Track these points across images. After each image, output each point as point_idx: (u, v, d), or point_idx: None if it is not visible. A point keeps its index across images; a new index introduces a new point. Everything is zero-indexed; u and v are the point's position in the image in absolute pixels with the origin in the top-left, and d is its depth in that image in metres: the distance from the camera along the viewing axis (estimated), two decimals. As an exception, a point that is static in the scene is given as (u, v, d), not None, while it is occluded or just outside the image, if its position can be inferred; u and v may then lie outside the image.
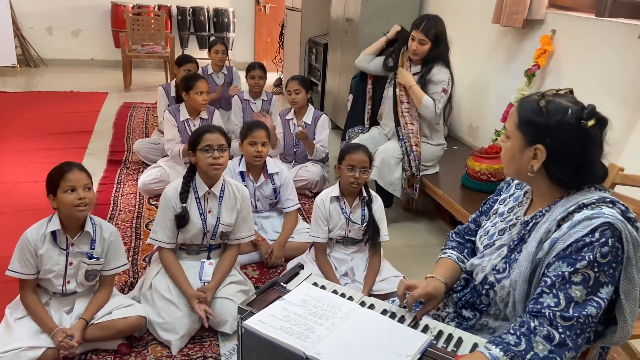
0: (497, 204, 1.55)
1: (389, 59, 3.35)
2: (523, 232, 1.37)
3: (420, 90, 3.11)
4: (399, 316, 1.44)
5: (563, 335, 1.17)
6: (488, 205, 1.61)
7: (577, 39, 2.85)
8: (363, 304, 1.48)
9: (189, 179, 2.24)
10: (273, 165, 2.91)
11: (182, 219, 2.19)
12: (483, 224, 1.56)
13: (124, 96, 5.97)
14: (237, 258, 2.62)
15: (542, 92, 1.30)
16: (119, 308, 2.03)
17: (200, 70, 4.36)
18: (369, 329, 1.33)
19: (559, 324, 1.17)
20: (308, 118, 3.67)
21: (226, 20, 7.50)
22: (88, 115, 5.12)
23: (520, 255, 1.33)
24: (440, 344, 1.33)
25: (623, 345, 1.83)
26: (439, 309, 1.53)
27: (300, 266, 1.71)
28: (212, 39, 7.28)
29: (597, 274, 1.18)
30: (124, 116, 5.18)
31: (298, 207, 2.95)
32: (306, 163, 3.66)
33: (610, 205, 1.24)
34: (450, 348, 1.32)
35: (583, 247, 1.19)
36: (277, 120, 3.77)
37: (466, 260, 1.58)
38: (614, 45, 2.59)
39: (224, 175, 2.30)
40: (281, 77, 6.83)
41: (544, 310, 1.19)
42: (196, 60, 4.18)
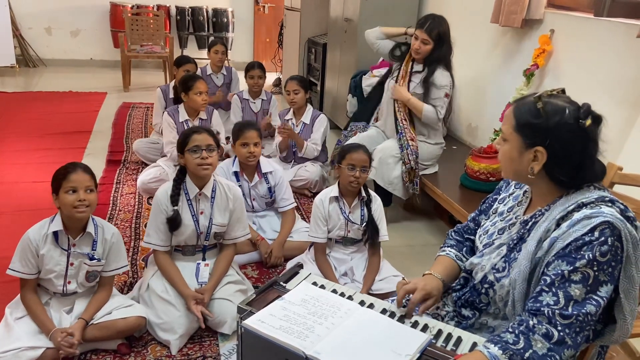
0: (497, 203, 1.56)
1: (397, 49, 3.34)
2: (522, 232, 1.37)
3: (417, 101, 3.14)
4: (398, 315, 1.44)
5: (562, 334, 1.17)
6: (487, 204, 1.61)
7: (576, 38, 2.86)
8: (362, 303, 1.48)
9: (179, 181, 2.22)
10: (267, 165, 2.91)
11: (174, 222, 2.17)
12: (482, 223, 1.56)
13: (123, 96, 5.97)
14: (235, 257, 2.62)
15: (538, 94, 1.30)
16: (118, 308, 2.03)
17: (199, 71, 4.36)
18: (368, 328, 1.33)
19: (558, 322, 1.17)
20: (307, 118, 3.66)
21: (225, 20, 7.50)
22: (87, 115, 5.12)
23: (519, 254, 1.33)
24: (440, 343, 1.33)
25: (622, 344, 1.84)
26: (438, 307, 1.54)
27: (299, 266, 1.70)
28: (212, 39, 7.29)
29: (597, 273, 1.18)
30: (123, 116, 5.18)
31: (294, 206, 2.95)
32: (305, 163, 3.65)
33: (610, 204, 1.24)
34: (450, 347, 1.32)
35: (582, 246, 1.19)
36: (276, 121, 3.77)
37: (464, 259, 1.59)
38: (612, 45, 2.60)
39: (214, 176, 2.29)
40: (280, 77, 6.83)
41: (543, 309, 1.19)
42: (195, 60, 4.18)
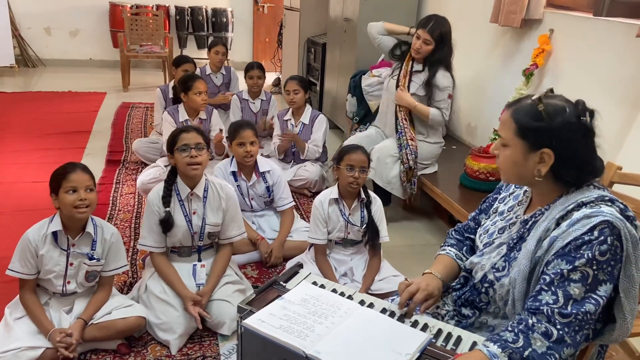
0: (497, 202, 1.56)
1: (397, 48, 3.33)
2: (522, 231, 1.37)
3: (423, 106, 3.14)
4: (398, 315, 1.44)
5: (561, 332, 1.17)
6: (487, 204, 1.61)
7: (575, 38, 2.86)
8: (362, 302, 1.48)
9: (170, 182, 2.20)
10: (264, 164, 2.91)
11: (167, 223, 2.16)
12: (483, 223, 1.56)
13: (122, 96, 5.97)
14: (235, 257, 2.62)
15: (537, 96, 1.29)
16: (118, 308, 2.03)
17: (198, 71, 4.36)
18: (368, 327, 1.33)
19: (557, 321, 1.17)
20: (305, 118, 3.66)
21: (224, 20, 7.50)
22: (86, 115, 5.12)
23: (519, 253, 1.33)
24: (440, 342, 1.33)
25: (621, 344, 1.84)
26: (438, 307, 1.54)
27: (299, 265, 1.70)
28: (211, 39, 7.29)
29: (596, 272, 1.18)
30: (122, 116, 5.18)
31: (293, 205, 2.95)
32: (305, 163, 3.65)
33: (609, 204, 1.24)
34: (450, 346, 1.32)
35: (582, 245, 1.19)
36: (275, 121, 3.77)
37: (464, 258, 1.59)
38: (611, 45, 2.60)
39: (206, 175, 2.27)
40: (280, 77, 6.83)
41: (542, 308, 1.19)
42: (193, 60, 4.17)
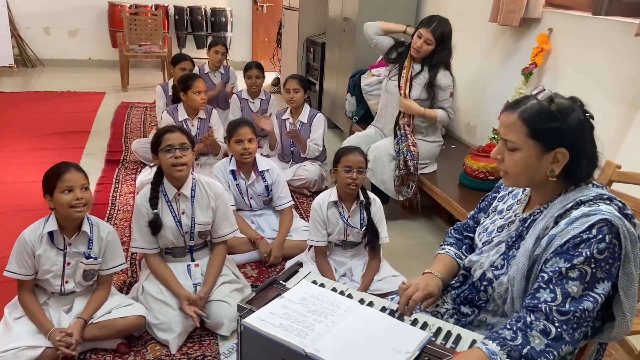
0: (496, 201, 1.56)
1: (393, 51, 3.31)
2: (521, 229, 1.38)
3: (430, 111, 3.13)
4: (398, 313, 1.45)
5: (560, 330, 1.17)
6: (486, 202, 1.62)
7: (574, 37, 2.86)
8: (362, 301, 1.48)
9: (156, 184, 2.19)
10: (263, 163, 2.91)
11: (155, 225, 2.15)
12: (482, 221, 1.57)
13: (121, 96, 5.97)
14: (234, 257, 2.62)
15: (549, 96, 1.27)
16: (118, 307, 2.03)
17: (197, 70, 4.36)
18: (368, 326, 1.33)
19: (556, 319, 1.18)
20: (304, 117, 3.67)
21: (223, 19, 7.50)
22: (85, 115, 5.12)
23: (518, 252, 1.34)
24: (439, 340, 1.34)
25: (621, 342, 1.84)
26: (437, 305, 1.54)
27: (299, 264, 1.70)
28: (210, 38, 7.29)
29: (594, 270, 1.18)
30: (121, 116, 5.17)
31: (292, 204, 2.95)
32: (304, 162, 3.66)
33: (608, 202, 1.25)
34: (449, 344, 1.32)
35: (580, 243, 1.19)
36: (274, 121, 3.77)
37: (464, 257, 1.59)
38: (610, 44, 2.60)
39: (193, 174, 2.26)
40: (279, 77, 6.83)
41: (540, 305, 1.20)
42: (191, 58, 4.18)
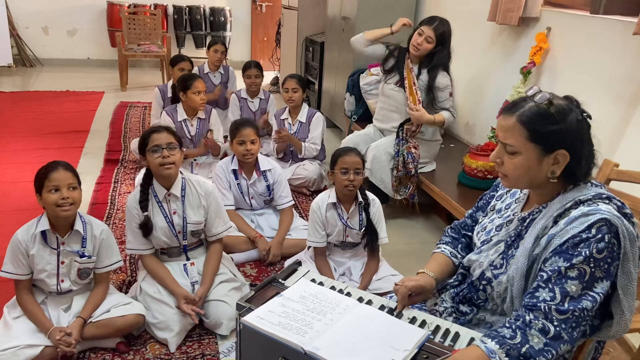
0: (494, 200, 1.56)
1: (390, 59, 3.29)
2: (520, 228, 1.38)
3: (439, 116, 3.10)
4: (397, 312, 1.45)
5: (558, 329, 1.17)
6: (484, 201, 1.62)
7: (572, 36, 2.86)
8: (361, 299, 1.48)
9: (146, 185, 2.18)
10: (265, 163, 2.91)
11: (146, 227, 2.15)
12: (480, 220, 1.57)
13: (120, 95, 5.97)
14: (233, 256, 2.62)
15: (548, 98, 1.26)
16: (117, 306, 2.03)
17: (196, 70, 4.36)
18: (366, 324, 1.33)
19: (554, 317, 1.18)
20: (302, 117, 3.67)
21: (222, 19, 7.49)
22: (84, 115, 5.12)
23: (517, 251, 1.34)
24: (438, 338, 1.34)
25: (619, 340, 1.85)
26: (436, 304, 1.54)
27: (298, 263, 1.70)
28: (209, 38, 7.29)
29: (593, 269, 1.19)
30: (120, 115, 5.17)
31: (292, 204, 2.95)
32: (304, 161, 3.66)
33: (607, 202, 1.25)
34: (448, 342, 1.32)
35: (579, 243, 1.20)
36: (273, 121, 3.78)
37: (459, 256, 1.60)
38: (608, 43, 2.60)
39: (183, 173, 2.25)
40: (278, 76, 6.82)
41: (539, 304, 1.20)
42: (190, 58, 4.17)
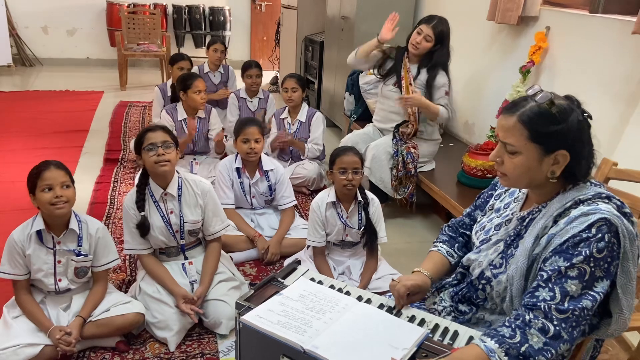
0: (493, 199, 1.56)
1: (385, 64, 3.29)
2: (519, 228, 1.38)
3: (433, 105, 3.08)
4: (395, 310, 1.45)
5: (558, 328, 1.17)
6: (482, 200, 1.62)
7: (571, 35, 2.87)
8: (360, 298, 1.49)
9: (142, 185, 2.18)
10: (268, 162, 2.92)
11: (143, 227, 2.14)
12: (479, 219, 1.57)
13: (120, 95, 5.97)
14: (233, 255, 2.62)
15: (550, 99, 1.25)
16: (116, 305, 2.03)
17: (196, 69, 4.36)
18: (365, 322, 1.33)
19: (554, 317, 1.18)
20: (302, 116, 3.67)
21: (222, 18, 7.50)
22: (84, 114, 5.12)
23: (516, 250, 1.34)
24: (437, 337, 1.34)
25: (617, 338, 1.85)
26: (435, 302, 1.55)
27: (297, 262, 1.71)
28: (209, 37, 7.29)
29: (593, 269, 1.19)
30: (120, 115, 5.17)
31: (294, 204, 2.95)
32: (303, 161, 3.66)
33: (606, 201, 1.25)
34: (447, 341, 1.33)
35: (580, 243, 1.20)
36: (272, 120, 3.78)
37: (455, 255, 1.60)
38: (607, 42, 2.61)
39: (179, 173, 2.25)
40: (277, 76, 6.82)
41: (539, 304, 1.20)
42: (189, 57, 4.17)
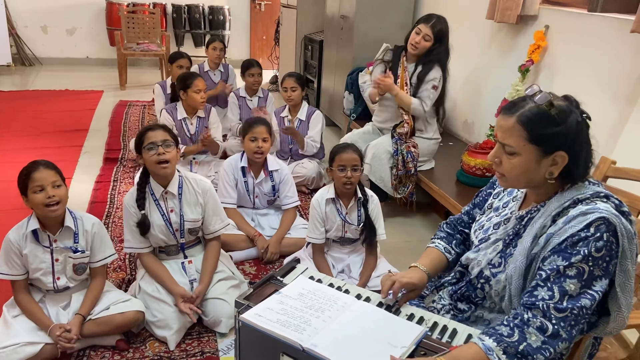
0: (492, 198, 1.56)
1: (377, 67, 3.32)
2: (518, 227, 1.38)
3: (405, 95, 3.11)
4: (394, 309, 1.46)
5: (557, 327, 1.18)
6: (481, 198, 1.62)
7: (570, 34, 2.87)
8: (359, 296, 1.49)
9: (142, 184, 2.18)
10: (274, 163, 2.92)
11: (143, 226, 2.15)
12: (478, 218, 1.57)
13: (119, 94, 5.97)
14: (233, 254, 2.63)
15: (549, 100, 1.25)
16: (116, 303, 2.04)
17: (196, 68, 4.37)
18: (364, 321, 1.34)
19: (553, 316, 1.18)
20: (302, 115, 3.67)
21: (221, 17, 7.50)
22: (84, 114, 5.12)
23: (515, 250, 1.34)
24: (435, 335, 1.34)
25: (616, 336, 1.85)
26: (434, 301, 1.55)
27: (296, 260, 1.71)
28: (208, 36, 7.29)
29: (592, 268, 1.19)
30: (119, 114, 5.18)
31: (297, 204, 2.95)
32: (302, 160, 3.66)
33: (605, 200, 1.25)
34: (445, 339, 1.33)
35: (578, 242, 1.20)
36: (272, 118, 3.78)
37: (453, 251, 1.61)
38: (606, 40, 2.61)
39: (180, 171, 2.25)
40: (277, 75, 6.83)
41: (538, 303, 1.20)
42: (189, 55, 4.18)
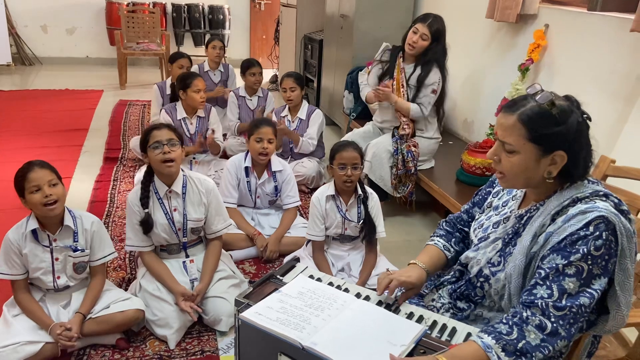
0: (491, 197, 1.57)
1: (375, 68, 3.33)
2: (518, 226, 1.38)
3: (403, 102, 3.13)
4: (394, 307, 1.46)
5: (555, 325, 1.18)
6: (481, 197, 1.62)
7: (570, 33, 2.87)
8: (359, 295, 1.49)
9: (147, 183, 2.18)
10: (277, 163, 2.92)
11: (146, 224, 2.15)
12: (477, 217, 1.57)
13: (119, 94, 5.97)
14: (232, 253, 2.63)
15: (550, 100, 1.25)
16: (116, 302, 2.04)
17: (196, 68, 4.37)
18: (364, 319, 1.34)
19: (552, 314, 1.19)
20: (302, 114, 3.68)
21: (221, 17, 7.50)
22: (84, 113, 5.12)
23: (515, 248, 1.34)
24: (435, 333, 1.35)
25: (615, 334, 1.85)
26: (433, 299, 1.55)
27: (296, 259, 1.71)
28: (208, 36, 7.30)
29: (591, 267, 1.19)
30: (119, 114, 5.18)
31: (298, 205, 2.95)
32: (302, 159, 3.67)
33: (604, 199, 1.25)
34: (444, 337, 1.33)
35: (577, 241, 1.20)
36: (272, 118, 3.78)
37: (452, 249, 1.61)
38: (606, 39, 2.61)
39: (184, 171, 2.25)
40: (277, 74, 6.83)
41: (536, 301, 1.20)
42: (189, 55, 4.18)
